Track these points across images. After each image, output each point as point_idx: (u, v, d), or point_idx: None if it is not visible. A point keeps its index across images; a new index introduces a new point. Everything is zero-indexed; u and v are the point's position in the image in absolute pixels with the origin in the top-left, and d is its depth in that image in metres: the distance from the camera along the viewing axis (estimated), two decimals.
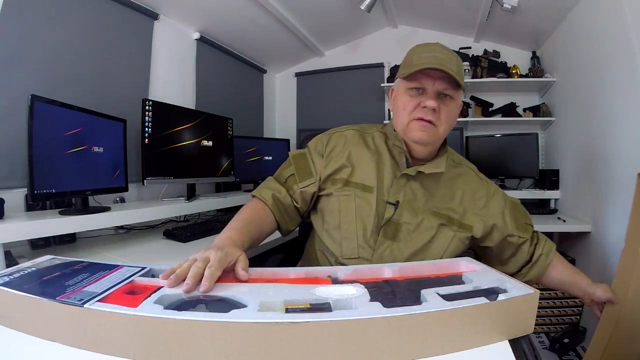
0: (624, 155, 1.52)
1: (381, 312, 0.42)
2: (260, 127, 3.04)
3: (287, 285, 0.54)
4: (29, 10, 1.34)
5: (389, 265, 0.63)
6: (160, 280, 0.54)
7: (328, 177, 0.88)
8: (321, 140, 0.93)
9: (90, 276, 0.56)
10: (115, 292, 0.50)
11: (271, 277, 0.58)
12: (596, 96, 1.73)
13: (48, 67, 1.42)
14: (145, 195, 1.86)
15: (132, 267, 0.60)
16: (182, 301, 0.49)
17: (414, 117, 0.81)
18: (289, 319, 0.41)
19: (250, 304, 0.46)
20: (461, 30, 2.63)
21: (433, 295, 0.48)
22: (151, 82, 1.91)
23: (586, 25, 1.81)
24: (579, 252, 1.92)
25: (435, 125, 0.80)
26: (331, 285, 0.54)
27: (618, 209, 1.55)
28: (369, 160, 0.88)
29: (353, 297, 0.47)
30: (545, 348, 1.75)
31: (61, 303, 0.46)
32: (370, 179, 0.86)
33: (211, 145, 1.99)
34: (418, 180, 0.86)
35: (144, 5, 1.83)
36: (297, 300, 0.47)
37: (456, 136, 2.41)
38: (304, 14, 2.37)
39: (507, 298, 0.47)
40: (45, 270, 0.58)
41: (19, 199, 1.29)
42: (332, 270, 0.61)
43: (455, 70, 0.77)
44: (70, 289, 0.50)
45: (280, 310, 0.45)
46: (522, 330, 0.49)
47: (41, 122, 1.11)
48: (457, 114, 0.85)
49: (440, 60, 0.77)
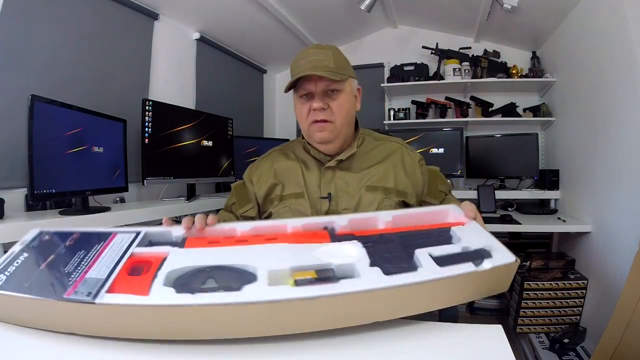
0: (624, 155, 1.52)
1: (382, 281, 0.46)
2: (260, 127, 3.04)
3: (289, 246, 0.55)
4: (29, 11, 1.34)
5: (383, 214, 0.65)
6: (160, 249, 0.54)
7: (265, 199, 0.94)
8: (250, 169, 1.00)
9: (87, 254, 0.53)
10: (119, 275, 0.49)
11: (272, 234, 0.60)
12: (596, 96, 1.73)
13: (48, 67, 1.42)
14: (145, 196, 1.86)
15: (125, 234, 0.59)
16: (189, 274, 0.49)
17: (310, 121, 0.87)
18: (299, 293, 0.44)
19: (259, 273, 0.48)
20: (461, 30, 2.63)
21: (426, 258, 0.51)
22: (151, 82, 1.91)
23: (586, 25, 1.81)
24: (579, 252, 1.92)
25: (330, 121, 0.85)
26: (330, 243, 0.56)
27: (618, 209, 1.55)
28: (293, 170, 0.94)
29: (354, 261, 0.51)
30: (545, 348, 1.75)
31: (70, 301, 0.45)
32: (298, 186, 0.91)
33: (211, 145, 1.99)
34: (343, 168, 0.91)
35: (144, 5, 1.83)
36: (303, 267, 0.50)
37: (456, 136, 2.41)
38: (304, 14, 2.37)
39: (492, 267, 0.50)
40: (39, 254, 0.55)
41: (19, 199, 1.29)
42: (329, 222, 0.63)
43: (332, 66, 0.82)
44: (72, 278, 0.48)
45: (289, 283, 0.47)
46: (498, 291, 0.55)
47: (41, 122, 1.11)
48: (350, 100, 0.89)
49: (314, 63, 0.82)
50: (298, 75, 0.83)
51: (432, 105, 2.69)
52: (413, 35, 2.80)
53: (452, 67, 2.53)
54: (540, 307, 1.85)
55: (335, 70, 0.82)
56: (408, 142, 1.75)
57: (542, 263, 1.96)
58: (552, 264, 1.96)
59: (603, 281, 1.66)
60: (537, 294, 1.84)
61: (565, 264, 1.95)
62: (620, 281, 1.30)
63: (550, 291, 1.83)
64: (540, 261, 1.97)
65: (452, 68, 2.53)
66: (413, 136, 2.42)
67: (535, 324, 1.86)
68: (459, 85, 2.55)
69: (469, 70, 2.52)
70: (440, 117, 2.64)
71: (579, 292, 1.80)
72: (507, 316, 2.07)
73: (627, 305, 0.97)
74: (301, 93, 0.87)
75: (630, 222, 1.44)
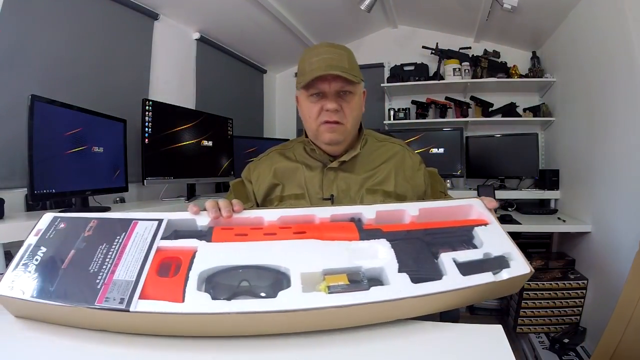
0: (624, 156, 1.52)
1: (410, 291, 0.49)
2: (260, 127, 3.04)
3: (319, 244, 0.56)
4: (29, 10, 1.34)
5: (410, 208, 0.65)
6: (187, 243, 0.54)
7: (264, 199, 0.93)
8: (249, 169, 0.98)
9: (110, 249, 0.51)
10: (149, 276, 0.47)
11: (300, 226, 0.60)
12: (596, 96, 1.73)
13: (48, 67, 1.42)
14: (145, 195, 1.86)
15: (147, 221, 0.57)
16: (222, 275, 0.50)
17: (320, 121, 0.84)
18: (332, 302, 0.46)
19: (292, 275, 0.50)
20: (461, 30, 2.63)
21: (451, 264, 0.54)
22: (151, 82, 1.91)
23: (586, 25, 1.81)
24: (579, 252, 1.92)
25: (342, 123, 0.84)
26: (359, 242, 0.57)
27: (618, 209, 1.55)
28: (294, 170, 0.93)
29: (384, 264, 0.53)
30: (545, 348, 1.75)
31: (103, 310, 0.44)
32: (299, 187, 0.90)
33: (211, 145, 1.99)
34: (346, 170, 0.90)
35: (144, 5, 1.83)
36: (334, 270, 0.51)
37: (456, 136, 2.41)
38: (304, 14, 2.37)
39: (509, 277, 0.53)
40: (58, 249, 0.52)
41: (19, 199, 1.29)
42: (356, 213, 0.63)
43: (347, 67, 0.81)
44: (99, 280, 0.46)
45: (322, 289, 0.48)
46: (507, 294, 0.61)
47: (41, 122, 1.11)
48: (361, 103, 0.89)
49: (329, 62, 0.80)
50: (315, 74, 0.79)
51: (432, 105, 2.69)
52: (413, 35, 2.80)
53: (452, 67, 2.53)
54: (540, 307, 1.85)
55: (349, 71, 0.81)
56: (408, 142, 1.75)
57: (542, 263, 1.96)
58: (552, 264, 1.96)
59: (603, 281, 1.66)
60: (537, 294, 1.84)
61: (565, 264, 1.95)
62: (620, 281, 1.30)
63: (550, 291, 1.83)
64: (540, 261, 1.97)
65: (452, 68, 2.53)
66: (413, 136, 2.42)
67: (535, 324, 1.86)
68: (459, 85, 2.55)
69: (469, 70, 2.52)
70: (440, 117, 2.64)
71: (579, 292, 1.80)
72: (507, 316, 2.07)
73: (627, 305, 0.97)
74: (313, 92, 0.84)
75: (630, 222, 1.44)
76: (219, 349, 0.46)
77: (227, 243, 0.55)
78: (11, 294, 0.47)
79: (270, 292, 0.48)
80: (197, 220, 0.60)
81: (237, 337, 0.47)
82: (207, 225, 0.60)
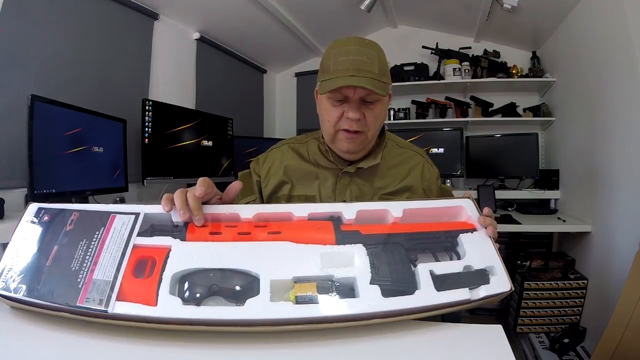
0: (624, 156, 1.52)
1: (380, 305, 0.49)
2: (260, 127, 3.04)
3: (292, 247, 0.55)
4: (29, 11, 1.34)
5: (393, 208, 0.62)
6: (162, 241, 0.54)
7: (270, 195, 0.88)
8: (257, 161, 0.93)
9: (89, 245, 0.52)
10: (125, 276, 0.49)
11: (276, 225, 0.58)
12: (596, 96, 1.73)
13: (48, 67, 1.42)
14: (145, 195, 1.86)
15: (124, 215, 0.57)
16: (194, 277, 0.50)
17: (339, 128, 0.78)
18: (299, 313, 0.47)
19: (262, 280, 0.50)
20: (461, 30, 2.63)
21: (427, 277, 0.52)
22: (151, 82, 1.91)
23: (586, 25, 1.81)
24: (579, 252, 1.92)
25: (363, 132, 0.78)
26: (334, 246, 0.56)
27: (618, 209, 1.55)
28: (307, 170, 0.88)
29: (356, 274, 0.52)
30: (545, 348, 1.75)
31: (83, 309, 0.46)
32: (311, 189, 0.86)
33: (211, 145, 1.99)
34: (361, 176, 0.85)
35: (144, 5, 1.83)
36: (304, 277, 0.51)
37: (456, 136, 2.41)
38: (304, 14, 2.37)
39: (486, 295, 0.52)
40: (43, 245, 0.54)
41: (19, 199, 1.29)
42: (335, 212, 0.61)
43: (377, 72, 0.74)
44: (80, 278, 0.48)
45: (290, 299, 0.48)
46: (483, 306, 0.56)
47: (41, 122, 1.11)
48: (385, 111, 0.83)
49: (358, 65, 0.73)
50: (340, 83, 0.71)
51: (432, 105, 2.69)
52: (413, 35, 2.80)
53: (452, 67, 2.53)
54: (540, 307, 1.85)
55: (378, 77, 0.74)
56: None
57: (542, 263, 1.96)
58: (552, 264, 1.96)
59: (603, 281, 1.66)
60: (537, 294, 1.84)
61: (565, 264, 1.95)
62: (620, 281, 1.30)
63: (550, 291, 1.83)
64: (540, 261, 1.97)
65: (452, 68, 2.53)
66: (413, 136, 2.42)
67: (535, 324, 1.86)
68: (459, 85, 2.55)
69: (469, 70, 2.52)
70: (440, 117, 2.64)
71: (579, 292, 1.80)
72: (507, 316, 2.07)
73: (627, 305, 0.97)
74: (335, 97, 0.76)
75: (630, 222, 1.44)
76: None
77: (201, 243, 0.55)
78: (4, 293, 0.50)
79: (239, 296, 0.48)
80: (172, 215, 0.59)
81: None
82: (182, 220, 0.58)
